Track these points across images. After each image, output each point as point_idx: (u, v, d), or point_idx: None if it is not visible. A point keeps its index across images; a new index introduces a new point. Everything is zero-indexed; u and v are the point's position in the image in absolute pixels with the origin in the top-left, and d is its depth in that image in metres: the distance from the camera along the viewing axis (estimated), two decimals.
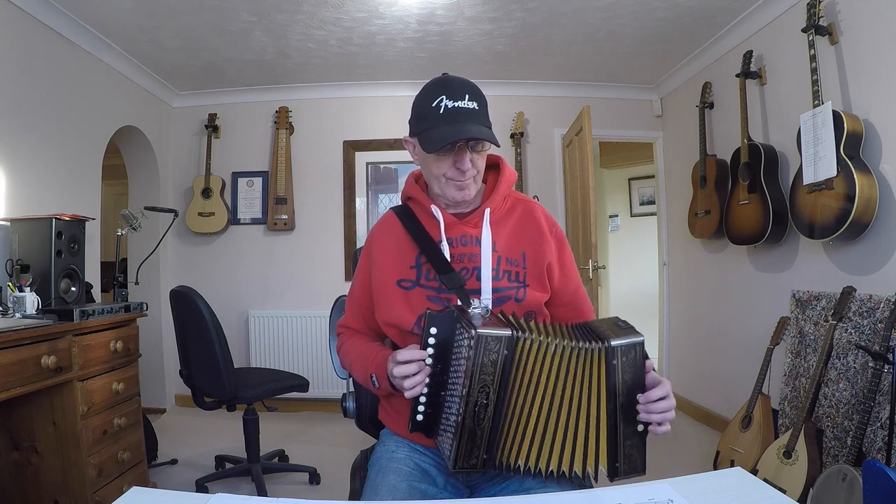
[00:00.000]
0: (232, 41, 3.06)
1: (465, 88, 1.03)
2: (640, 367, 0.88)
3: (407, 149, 1.14)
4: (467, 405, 0.88)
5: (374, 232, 1.20)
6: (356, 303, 1.20)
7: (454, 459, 0.90)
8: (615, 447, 0.88)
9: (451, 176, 1.06)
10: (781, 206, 2.46)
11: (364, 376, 1.08)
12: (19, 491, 1.87)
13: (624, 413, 0.88)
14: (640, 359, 0.88)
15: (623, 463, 0.89)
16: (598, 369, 0.89)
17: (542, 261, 1.10)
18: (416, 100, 1.08)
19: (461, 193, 1.08)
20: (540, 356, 0.90)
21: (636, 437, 0.89)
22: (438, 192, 1.10)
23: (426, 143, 1.03)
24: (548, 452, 0.90)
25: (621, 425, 0.88)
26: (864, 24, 2.10)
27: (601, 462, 0.89)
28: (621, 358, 0.87)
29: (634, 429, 0.89)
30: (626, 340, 0.87)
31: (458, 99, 1.01)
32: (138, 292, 3.24)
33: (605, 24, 2.93)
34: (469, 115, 1.02)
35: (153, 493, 0.80)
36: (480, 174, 1.10)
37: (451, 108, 1.01)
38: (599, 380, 0.89)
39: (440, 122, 1.01)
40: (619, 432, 0.88)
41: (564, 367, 0.90)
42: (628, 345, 0.87)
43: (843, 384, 2.08)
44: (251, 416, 2.45)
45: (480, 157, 1.08)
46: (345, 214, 3.87)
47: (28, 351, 1.63)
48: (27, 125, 2.45)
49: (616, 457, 0.89)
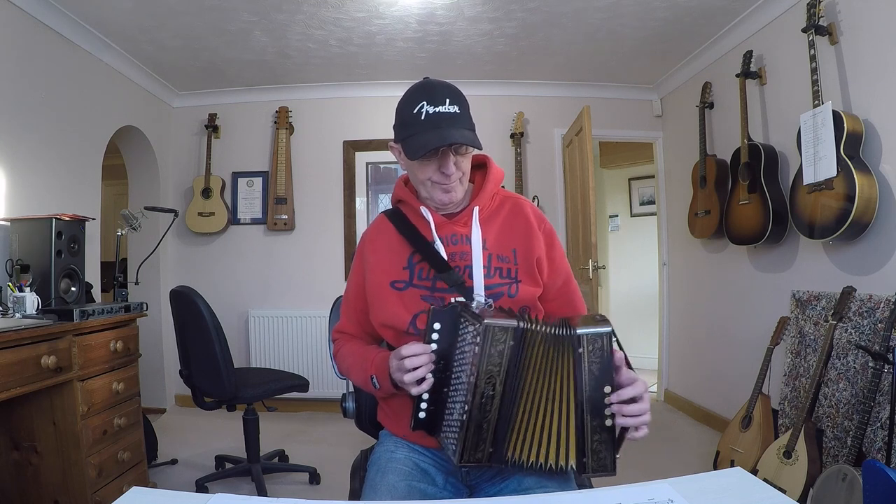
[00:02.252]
0: (232, 41, 3.06)
1: (445, 93, 1.03)
2: (606, 358, 0.87)
3: (393, 154, 1.15)
4: (474, 396, 0.88)
5: (366, 236, 1.21)
6: (351, 307, 1.20)
7: (460, 453, 0.89)
8: (582, 442, 0.87)
9: (437, 180, 1.07)
10: (781, 206, 2.46)
11: (364, 378, 1.08)
12: (19, 491, 1.87)
13: (591, 405, 0.87)
14: (608, 350, 0.87)
15: (591, 458, 0.87)
16: (567, 360, 0.89)
17: (532, 255, 1.11)
18: (398, 106, 1.08)
19: (448, 196, 1.09)
20: (539, 347, 0.90)
21: (604, 432, 0.87)
22: (426, 195, 1.11)
23: (409, 150, 1.03)
24: (533, 444, 0.90)
25: (588, 417, 0.87)
26: (864, 24, 2.10)
27: (571, 456, 0.88)
28: (587, 347, 0.86)
29: (602, 423, 0.87)
30: (591, 329, 0.87)
31: (439, 104, 1.01)
32: (138, 292, 3.24)
33: (605, 24, 2.93)
34: (450, 119, 1.02)
35: (153, 493, 0.80)
36: (466, 175, 1.11)
37: (431, 114, 1.01)
38: (568, 370, 0.89)
39: (422, 129, 1.02)
40: (586, 425, 0.87)
41: (549, 357, 0.90)
42: (594, 334, 0.86)
43: (843, 384, 2.08)
44: (251, 416, 2.45)
45: (465, 159, 1.08)
46: (345, 214, 3.87)
47: (28, 351, 1.63)
48: (27, 125, 2.45)
49: (583, 451, 0.87)
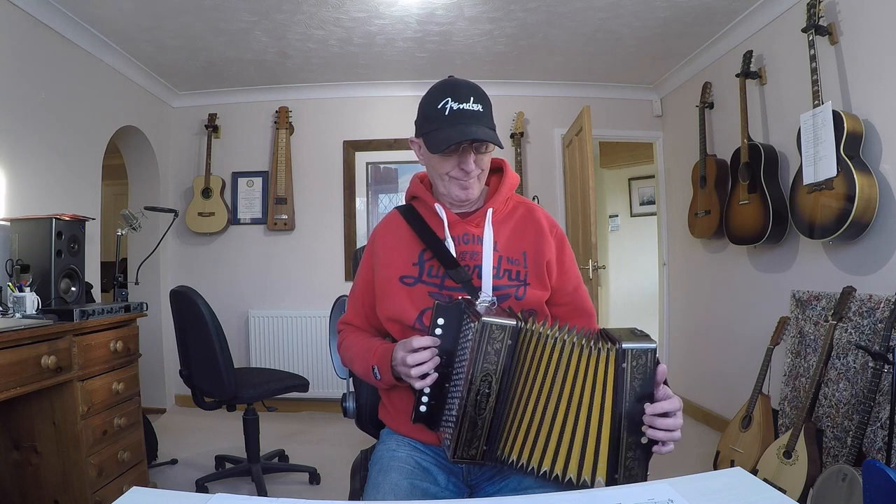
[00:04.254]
0: (232, 41, 3.06)
1: (470, 91, 1.05)
2: (650, 375, 0.84)
3: (412, 149, 1.17)
4: (469, 393, 0.88)
5: (378, 230, 1.22)
6: (358, 300, 1.21)
7: (454, 449, 0.89)
8: (616, 457, 0.85)
9: (455, 175, 1.08)
10: (781, 206, 2.46)
11: (366, 369, 1.09)
12: (19, 491, 1.87)
13: (629, 421, 0.85)
14: (651, 366, 0.84)
15: (622, 475, 0.85)
16: (605, 372, 0.87)
17: (542, 259, 1.11)
18: (423, 101, 1.10)
19: (465, 192, 1.10)
20: (547, 350, 0.90)
21: (639, 450, 0.85)
22: (443, 191, 1.12)
23: (431, 144, 1.05)
24: (541, 452, 0.89)
25: (625, 434, 0.85)
26: (864, 24, 2.10)
27: (599, 471, 0.86)
28: (631, 362, 0.84)
29: (638, 440, 0.85)
30: (638, 345, 0.84)
31: (464, 101, 1.04)
32: (138, 292, 3.24)
33: (605, 24, 2.93)
34: (473, 116, 1.04)
35: (153, 493, 0.79)
36: (484, 174, 1.12)
37: (455, 110, 1.03)
38: (606, 383, 0.86)
39: (445, 124, 1.04)
40: (622, 441, 0.85)
41: (574, 365, 0.89)
42: (640, 350, 0.84)
43: (843, 384, 2.08)
44: (251, 416, 2.45)
45: (484, 158, 1.10)
46: (345, 214, 3.87)
47: (28, 351, 1.63)
48: (27, 125, 2.45)
49: (616, 467, 0.85)
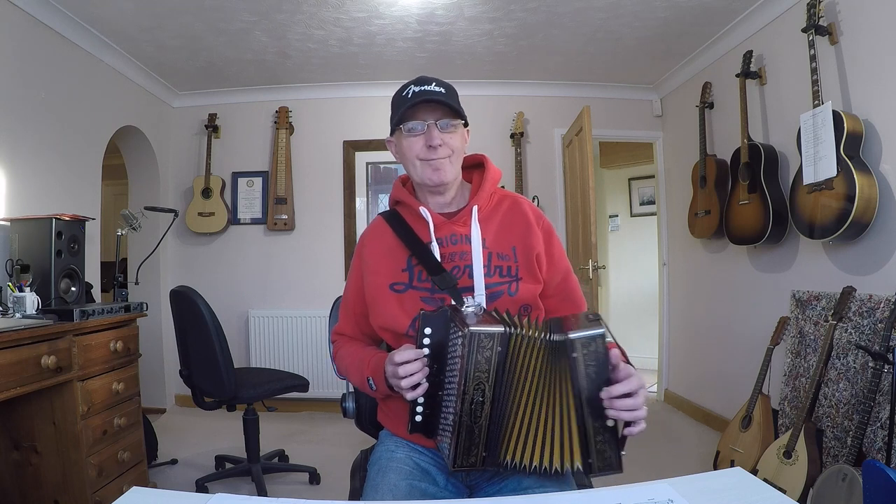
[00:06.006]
0: (232, 41, 3.06)
1: (434, 79, 1.10)
2: (602, 360, 0.86)
3: (389, 149, 1.18)
4: (463, 403, 0.88)
5: (364, 238, 1.21)
6: (350, 309, 1.20)
7: (453, 458, 0.90)
8: (586, 442, 0.88)
9: (425, 157, 1.09)
10: (781, 206, 2.46)
11: (361, 380, 1.09)
12: (19, 491, 1.87)
13: (591, 408, 0.87)
14: (602, 351, 0.86)
15: (596, 459, 0.88)
16: (563, 363, 0.89)
17: (532, 252, 1.11)
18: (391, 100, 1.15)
19: (437, 174, 1.09)
20: (531, 351, 0.90)
21: (607, 433, 0.88)
22: (418, 179, 1.12)
23: (396, 123, 1.10)
24: (531, 448, 0.90)
25: (589, 420, 0.87)
26: (864, 24, 2.10)
27: (575, 458, 0.88)
28: (581, 351, 0.86)
29: (604, 424, 0.88)
30: (583, 333, 0.85)
31: (426, 84, 1.09)
32: (138, 292, 3.24)
33: (605, 24, 2.93)
34: (436, 94, 1.07)
35: (153, 493, 0.80)
36: (456, 154, 1.11)
37: (417, 91, 1.08)
38: (565, 374, 0.88)
39: (408, 104, 1.07)
40: (588, 427, 0.87)
41: (547, 361, 0.90)
42: (587, 337, 0.85)
43: (843, 384, 2.08)
44: (251, 416, 2.45)
45: (452, 137, 1.09)
46: (345, 214, 3.86)
47: (28, 351, 1.63)
48: (27, 125, 2.45)
49: (588, 452, 0.88)
